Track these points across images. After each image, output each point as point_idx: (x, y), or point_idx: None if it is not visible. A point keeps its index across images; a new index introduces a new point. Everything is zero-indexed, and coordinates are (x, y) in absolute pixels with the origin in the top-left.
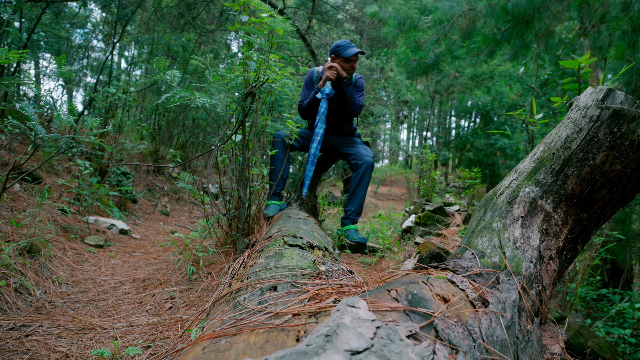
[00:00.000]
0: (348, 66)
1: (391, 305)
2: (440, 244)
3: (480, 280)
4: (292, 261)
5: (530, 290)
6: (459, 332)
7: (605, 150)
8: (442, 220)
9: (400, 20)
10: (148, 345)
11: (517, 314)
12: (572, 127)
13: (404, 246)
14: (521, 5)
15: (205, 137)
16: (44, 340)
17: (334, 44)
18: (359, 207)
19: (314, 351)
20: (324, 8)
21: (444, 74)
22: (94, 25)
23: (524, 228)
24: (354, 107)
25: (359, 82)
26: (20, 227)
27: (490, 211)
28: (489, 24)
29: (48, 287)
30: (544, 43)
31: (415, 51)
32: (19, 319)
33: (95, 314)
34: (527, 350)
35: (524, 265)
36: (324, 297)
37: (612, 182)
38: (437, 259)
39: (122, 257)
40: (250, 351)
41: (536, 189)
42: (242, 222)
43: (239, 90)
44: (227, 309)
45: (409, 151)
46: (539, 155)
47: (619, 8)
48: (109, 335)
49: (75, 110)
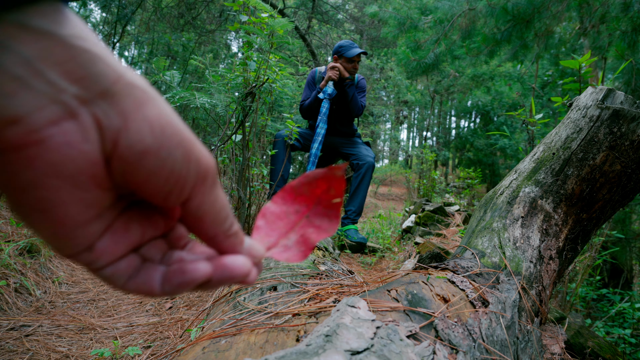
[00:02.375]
0: (350, 67)
1: (391, 305)
2: (440, 244)
3: (480, 280)
4: None
5: (530, 290)
6: (459, 332)
7: (605, 150)
8: (442, 220)
9: (400, 20)
10: (148, 345)
11: (517, 314)
12: (572, 127)
13: (404, 246)
14: (521, 5)
15: (205, 137)
16: (44, 340)
17: (337, 44)
18: (359, 207)
19: (314, 351)
20: (324, 8)
21: (444, 74)
22: (94, 25)
23: (524, 228)
24: (355, 107)
25: (361, 83)
26: (20, 227)
27: (490, 211)
28: (489, 23)
29: (48, 287)
30: (544, 43)
31: (415, 51)
32: (19, 319)
33: (95, 313)
34: (527, 350)
35: (524, 265)
36: (324, 297)
37: (612, 182)
38: (437, 259)
39: None
40: (250, 351)
41: (536, 189)
42: (242, 222)
43: (239, 90)
44: (227, 309)
45: (409, 151)
46: (539, 155)
47: (618, 8)
48: (109, 335)
49: None
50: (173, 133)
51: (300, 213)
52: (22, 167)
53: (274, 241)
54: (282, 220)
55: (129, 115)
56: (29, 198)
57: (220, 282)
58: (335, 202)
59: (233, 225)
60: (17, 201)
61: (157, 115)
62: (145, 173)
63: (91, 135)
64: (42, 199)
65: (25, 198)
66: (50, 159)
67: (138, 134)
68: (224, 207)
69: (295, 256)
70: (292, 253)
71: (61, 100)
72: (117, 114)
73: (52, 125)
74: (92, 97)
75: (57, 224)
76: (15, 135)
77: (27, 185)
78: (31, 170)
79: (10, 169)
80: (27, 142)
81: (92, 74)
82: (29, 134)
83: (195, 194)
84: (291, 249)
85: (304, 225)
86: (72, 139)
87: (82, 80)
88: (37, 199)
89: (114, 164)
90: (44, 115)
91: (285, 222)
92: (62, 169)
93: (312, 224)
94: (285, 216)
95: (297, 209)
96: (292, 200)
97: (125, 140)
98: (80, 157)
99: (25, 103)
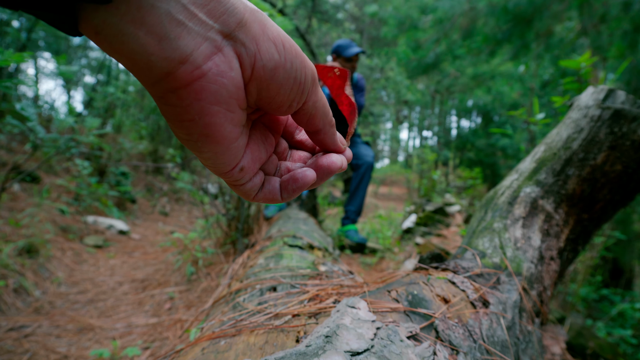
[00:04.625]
0: (349, 66)
1: (391, 306)
2: (441, 244)
3: (481, 281)
4: (291, 262)
5: (531, 290)
6: (459, 333)
7: (606, 150)
8: (442, 220)
9: (401, 19)
10: (147, 346)
11: (518, 315)
12: (573, 127)
13: (405, 246)
14: (522, 4)
15: None
16: (43, 340)
17: (335, 44)
18: (359, 207)
19: (314, 352)
20: (324, 7)
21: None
22: None
23: (525, 228)
24: None
25: (360, 83)
26: (19, 227)
27: (491, 211)
28: (490, 23)
29: (47, 287)
30: (545, 42)
31: (416, 50)
32: (18, 319)
33: (94, 314)
34: (528, 351)
35: (524, 265)
36: (324, 298)
37: (613, 182)
38: (437, 259)
39: (121, 258)
40: (250, 352)
41: (537, 189)
42: (241, 223)
43: None
44: (227, 309)
45: (409, 151)
46: (540, 155)
47: (619, 8)
48: (108, 335)
49: (74, 110)
50: (291, 46)
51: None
52: (193, 100)
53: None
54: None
55: (259, 39)
56: (199, 125)
57: (323, 179)
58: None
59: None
60: (189, 131)
61: (277, 33)
62: (276, 86)
63: (234, 64)
64: (208, 124)
65: (195, 126)
66: (212, 89)
67: (268, 53)
68: (326, 102)
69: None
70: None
71: (210, 37)
72: (250, 40)
73: (208, 60)
74: (232, 29)
75: (220, 143)
76: (185, 72)
77: (198, 114)
78: (200, 101)
79: (184, 103)
80: (195, 77)
81: (228, 9)
82: (194, 70)
83: (310, 95)
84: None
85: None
86: (222, 69)
87: (222, 16)
88: (204, 125)
89: (252, 85)
90: (201, 52)
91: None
92: (220, 96)
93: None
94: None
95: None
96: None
97: (260, 62)
98: (230, 84)
99: (188, 43)
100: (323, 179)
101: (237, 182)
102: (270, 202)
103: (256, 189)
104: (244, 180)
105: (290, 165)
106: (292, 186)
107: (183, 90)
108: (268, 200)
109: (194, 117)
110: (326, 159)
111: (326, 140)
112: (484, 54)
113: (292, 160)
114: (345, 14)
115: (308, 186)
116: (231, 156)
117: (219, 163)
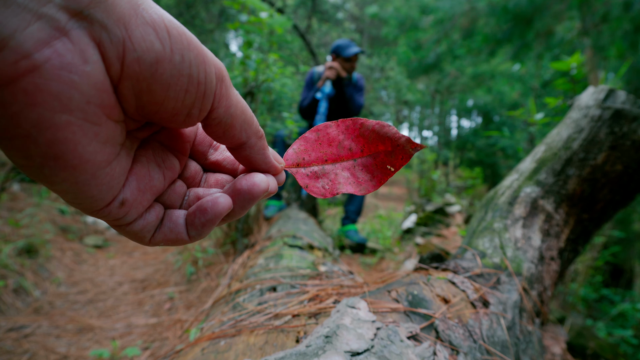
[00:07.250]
0: (348, 66)
1: (392, 306)
2: (441, 244)
3: (481, 281)
4: (291, 262)
5: (532, 291)
6: (459, 333)
7: (606, 150)
8: (442, 220)
9: (401, 20)
10: (147, 346)
11: (518, 315)
12: (574, 127)
13: (405, 247)
14: (522, 4)
15: None
16: (42, 340)
17: (335, 44)
18: (359, 207)
19: (314, 352)
20: (324, 7)
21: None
22: None
23: (525, 228)
24: (353, 107)
25: (359, 82)
26: (18, 228)
27: (492, 211)
28: (490, 23)
29: (47, 287)
30: (545, 42)
31: (416, 51)
32: (17, 319)
33: (94, 314)
34: (528, 351)
35: (525, 265)
36: (324, 298)
37: (614, 182)
38: (437, 259)
39: (120, 258)
40: (250, 352)
41: (537, 189)
42: (241, 223)
43: (238, 89)
44: (227, 309)
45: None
46: (540, 155)
47: (620, 8)
48: (107, 336)
49: None
50: (179, 33)
51: (351, 152)
52: (23, 105)
53: (308, 160)
54: (330, 147)
55: (129, 21)
56: (39, 144)
57: (244, 208)
58: (388, 169)
59: (259, 126)
60: (25, 153)
61: (158, 15)
62: (162, 87)
63: (90, 54)
64: (53, 142)
65: (34, 145)
66: (52, 90)
67: (144, 40)
68: (246, 106)
69: (316, 189)
70: (315, 185)
71: (46, 13)
72: (115, 22)
73: (42, 47)
74: (83, 5)
75: (78, 170)
76: (4, 63)
77: (34, 128)
78: (35, 107)
79: (11, 111)
80: (21, 70)
81: None
82: (20, 60)
83: (220, 99)
84: (317, 180)
85: (345, 167)
86: (69, 61)
87: None
88: (48, 143)
89: (125, 85)
90: (30, 35)
91: (332, 150)
92: (70, 100)
93: (352, 170)
94: (336, 145)
95: (351, 147)
96: (354, 135)
97: (133, 53)
98: (84, 83)
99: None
100: (244, 207)
101: (119, 221)
102: (173, 244)
103: (151, 228)
104: (129, 219)
105: (201, 193)
106: (199, 220)
107: (4, 90)
108: (170, 242)
109: (28, 131)
110: (246, 181)
111: (253, 157)
112: (484, 54)
113: (206, 186)
114: (345, 13)
115: (221, 217)
116: (101, 187)
117: (82, 198)
